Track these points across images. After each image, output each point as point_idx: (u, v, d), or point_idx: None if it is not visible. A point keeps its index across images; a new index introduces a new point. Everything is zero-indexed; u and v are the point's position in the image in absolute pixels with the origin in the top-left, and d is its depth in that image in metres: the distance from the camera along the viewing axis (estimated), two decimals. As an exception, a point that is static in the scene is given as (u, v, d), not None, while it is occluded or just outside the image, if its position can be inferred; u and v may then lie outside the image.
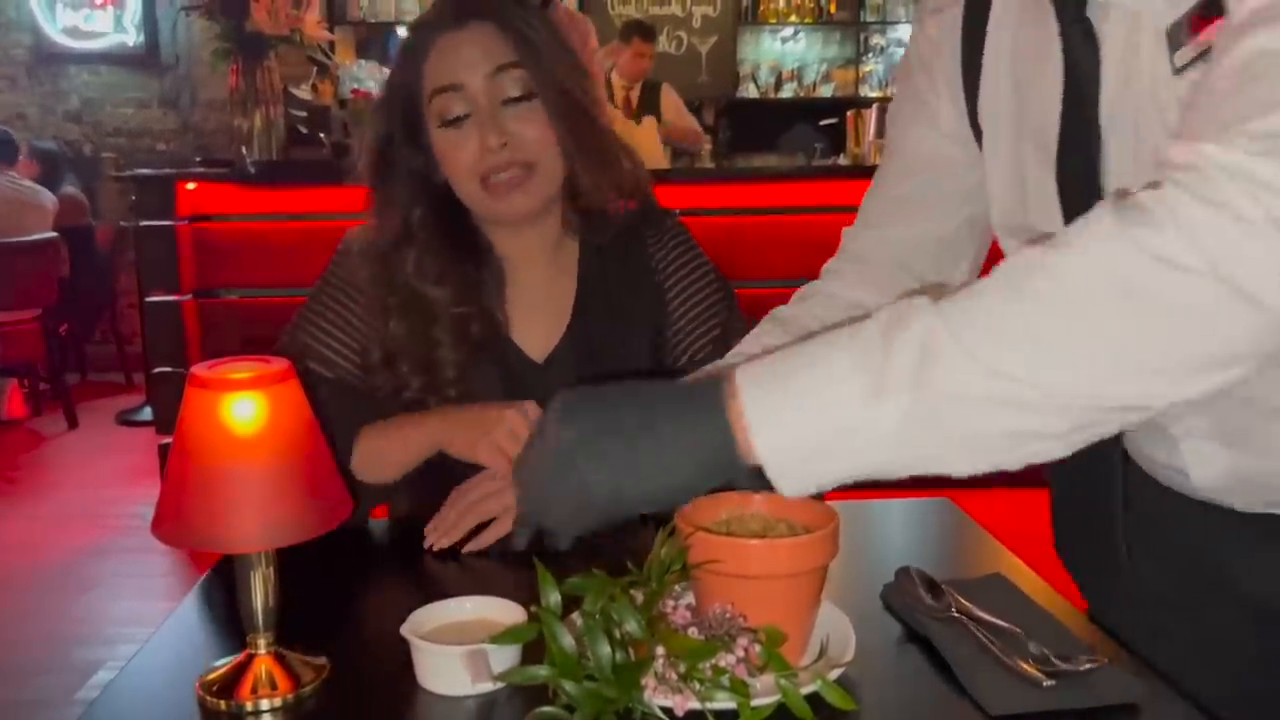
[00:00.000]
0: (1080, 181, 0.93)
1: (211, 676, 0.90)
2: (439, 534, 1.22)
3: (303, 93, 5.01)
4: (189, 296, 4.03)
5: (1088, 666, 0.89)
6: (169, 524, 0.87)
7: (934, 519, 1.37)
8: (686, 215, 1.52)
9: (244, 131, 4.19)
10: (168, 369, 4.02)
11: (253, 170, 4.03)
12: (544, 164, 1.34)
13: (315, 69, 5.15)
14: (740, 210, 4.02)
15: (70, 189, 6.02)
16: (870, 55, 7.42)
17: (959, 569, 1.21)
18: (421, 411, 1.32)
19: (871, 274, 1.16)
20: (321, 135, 4.45)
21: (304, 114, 4.68)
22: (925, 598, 1.02)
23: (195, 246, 4.04)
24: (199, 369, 0.88)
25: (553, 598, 0.82)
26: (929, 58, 1.11)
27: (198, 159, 5.08)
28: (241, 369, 0.88)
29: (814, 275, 1.23)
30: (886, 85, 7.22)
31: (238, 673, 0.90)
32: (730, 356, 1.11)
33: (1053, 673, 0.88)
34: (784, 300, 1.20)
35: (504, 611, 0.94)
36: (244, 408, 0.87)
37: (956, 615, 0.99)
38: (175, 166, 5.00)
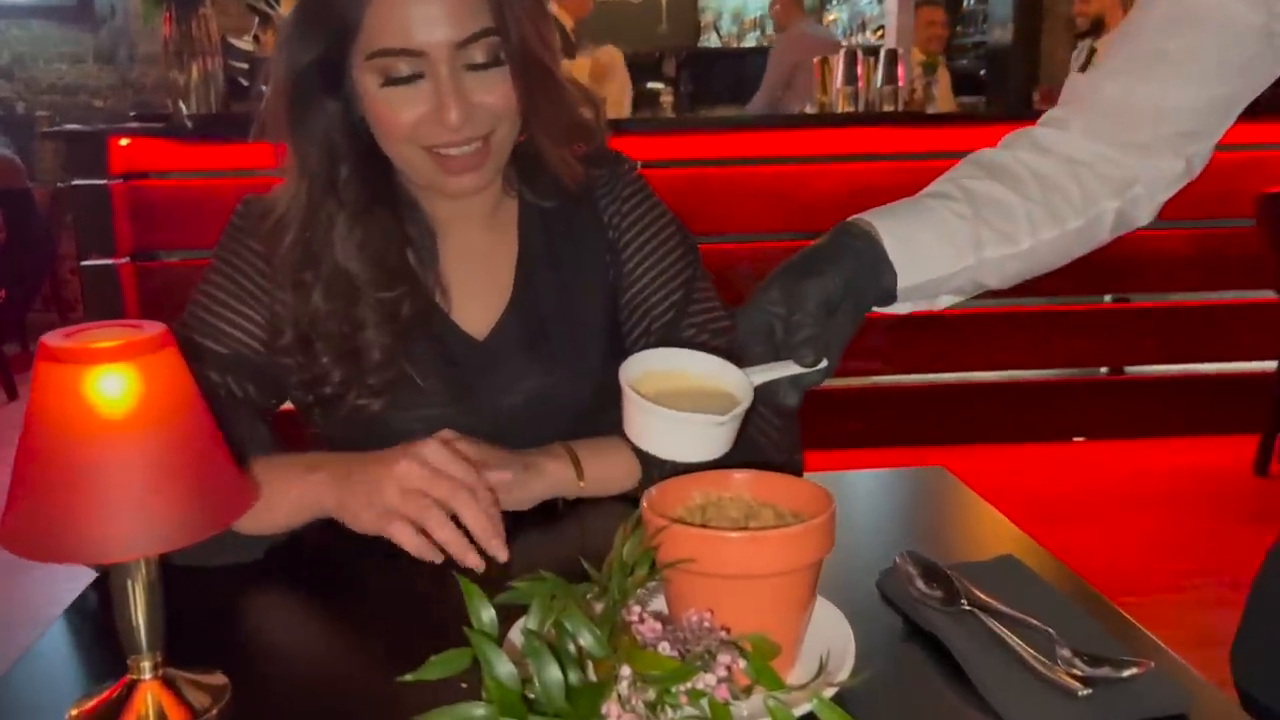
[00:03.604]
0: None
1: (75, 713, 0.75)
2: None
3: (244, 44, 4.78)
4: (126, 260, 3.84)
5: (1130, 672, 0.75)
6: (21, 532, 0.71)
7: (927, 490, 1.23)
8: (647, 168, 1.34)
9: (180, 85, 3.98)
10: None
11: (190, 124, 3.82)
12: (500, 132, 1.15)
13: (257, 19, 4.91)
14: (704, 161, 3.86)
15: (3, 151, 5.74)
16: (834, 2, 7.24)
17: (962, 549, 1.08)
18: (314, 455, 1.09)
19: (1105, 127, 1.01)
20: (264, 88, 4.23)
21: (245, 66, 4.45)
22: (931, 587, 0.88)
23: (131, 206, 3.84)
24: (50, 338, 0.72)
25: (485, 615, 0.67)
26: None
27: (131, 114, 4.85)
28: (105, 336, 0.72)
29: (783, 228, 1.08)
30: (851, 33, 7.06)
31: (116, 704, 0.75)
32: (921, 194, 1.01)
33: (1089, 679, 0.75)
34: (751, 256, 1.06)
35: (728, 377, 0.88)
36: (110, 384, 0.71)
37: (968, 608, 0.86)
38: (112, 123, 4.77)
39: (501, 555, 0.98)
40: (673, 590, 0.75)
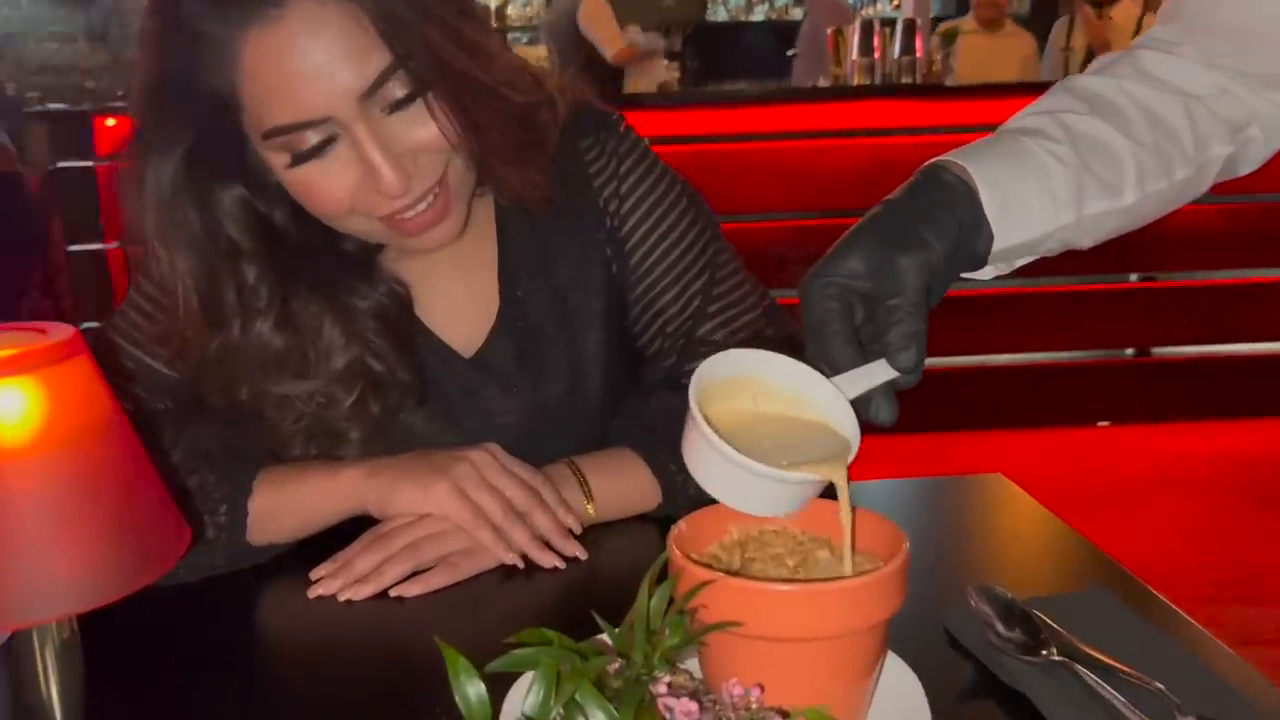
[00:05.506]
0: None
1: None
2: (349, 581, 0.89)
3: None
4: (115, 245, 3.71)
5: (1277, 749, 0.61)
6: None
7: (987, 503, 1.09)
8: (654, 145, 1.14)
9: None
10: (96, 325, 3.70)
11: (178, 103, 3.68)
12: (455, 167, 0.95)
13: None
14: (714, 138, 3.71)
15: (-5, 136, 5.60)
16: (846, -27, 7.06)
17: (1035, 575, 0.93)
18: (331, 461, 0.99)
19: (1225, 52, 0.84)
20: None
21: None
22: (1012, 631, 0.74)
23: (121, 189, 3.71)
24: (-75, 346, 0.57)
25: (472, 693, 0.53)
26: None
27: (120, 93, 4.72)
28: (-3, 344, 0.58)
29: (797, 206, 0.91)
30: (862, 6, 6.88)
31: (22, 796, 0.61)
32: (1012, 129, 0.81)
33: (1223, 758, 0.61)
34: (769, 238, 0.89)
35: (818, 396, 0.68)
36: (4, 402, 0.57)
37: (1059, 658, 0.71)
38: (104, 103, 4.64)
39: (581, 554, 0.93)
40: (711, 654, 0.61)
